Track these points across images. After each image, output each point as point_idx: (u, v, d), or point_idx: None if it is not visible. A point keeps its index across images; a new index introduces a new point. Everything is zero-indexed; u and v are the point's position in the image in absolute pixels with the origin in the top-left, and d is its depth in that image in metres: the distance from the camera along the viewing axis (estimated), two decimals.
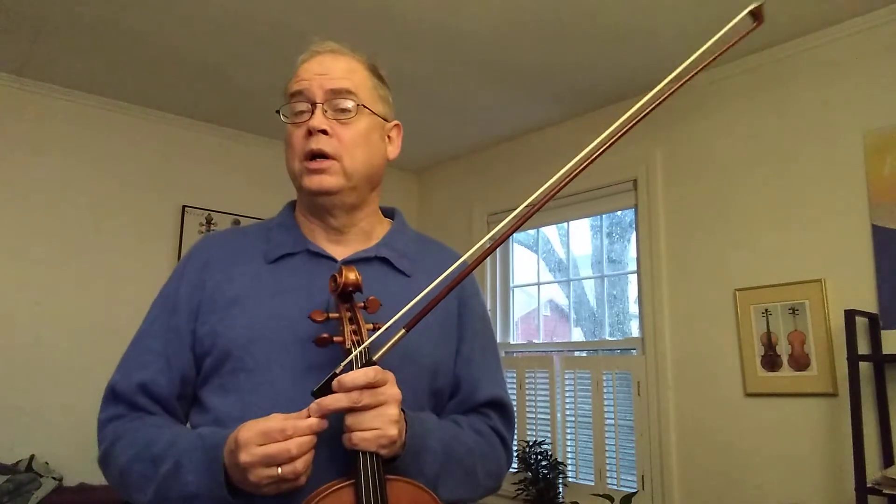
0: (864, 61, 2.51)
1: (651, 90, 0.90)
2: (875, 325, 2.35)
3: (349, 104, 1.02)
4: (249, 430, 0.83)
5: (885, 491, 2.09)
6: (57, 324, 3.16)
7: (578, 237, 3.78)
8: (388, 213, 1.17)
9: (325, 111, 1.01)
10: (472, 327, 1.11)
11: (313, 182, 1.00)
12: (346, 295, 0.95)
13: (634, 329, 3.31)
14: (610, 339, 3.47)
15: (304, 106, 1.02)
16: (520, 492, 3.22)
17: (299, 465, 0.83)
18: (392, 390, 0.87)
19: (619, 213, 3.46)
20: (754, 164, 2.78)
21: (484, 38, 2.75)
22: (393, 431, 0.85)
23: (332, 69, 1.03)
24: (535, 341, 3.80)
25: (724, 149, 2.90)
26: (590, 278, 3.69)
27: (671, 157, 3.09)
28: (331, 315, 0.94)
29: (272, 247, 1.06)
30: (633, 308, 3.37)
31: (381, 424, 0.85)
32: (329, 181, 1.00)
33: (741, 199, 2.81)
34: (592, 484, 3.20)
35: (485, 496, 1.05)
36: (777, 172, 2.71)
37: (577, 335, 3.69)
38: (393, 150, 1.11)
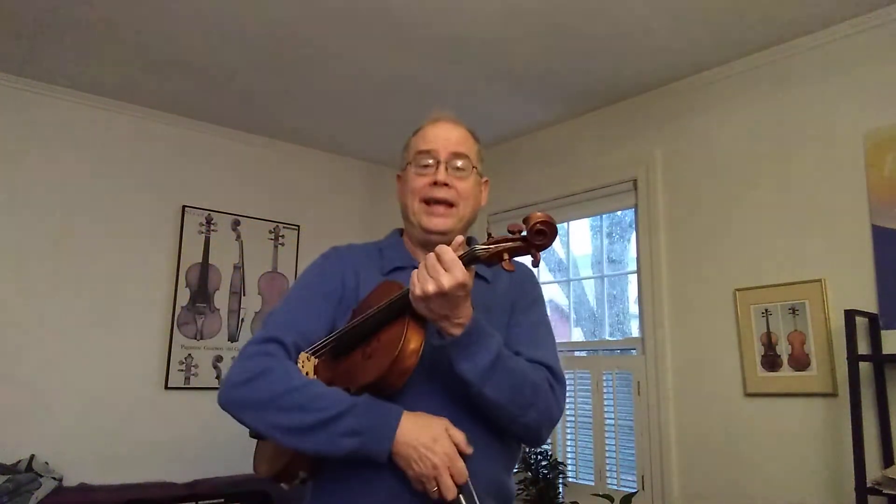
0: (864, 61, 2.51)
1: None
2: (875, 325, 2.35)
3: (465, 164, 1.30)
4: (444, 444, 1.06)
5: (885, 491, 2.08)
6: (57, 323, 3.16)
7: (578, 237, 3.78)
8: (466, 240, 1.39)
9: (447, 168, 1.27)
10: (522, 303, 1.31)
11: (433, 223, 1.26)
12: (535, 234, 1.04)
13: (634, 329, 3.31)
14: (610, 339, 3.47)
15: (429, 160, 1.28)
16: (520, 492, 3.22)
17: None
18: (463, 272, 1.04)
19: (619, 213, 3.46)
20: (754, 163, 2.78)
21: (484, 39, 2.75)
22: (430, 287, 1.02)
23: (454, 135, 1.32)
24: None
25: (724, 149, 2.90)
26: (590, 278, 3.70)
27: (671, 157, 3.09)
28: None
29: (386, 262, 1.30)
30: (633, 308, 3.37)
31: (434, 275, 1.03)
32: (446, 223, 1.27)
33: (741, 199, 2.81)
34: (592, 484, 3.20)
35: (533, 429, 1.18)
36: (777, 172, 2.70)
37: (577, 335, 3.69)
38: (484, 199, 1.40)
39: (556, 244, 3.94)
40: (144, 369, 3.38)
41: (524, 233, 1.02)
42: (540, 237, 1.02)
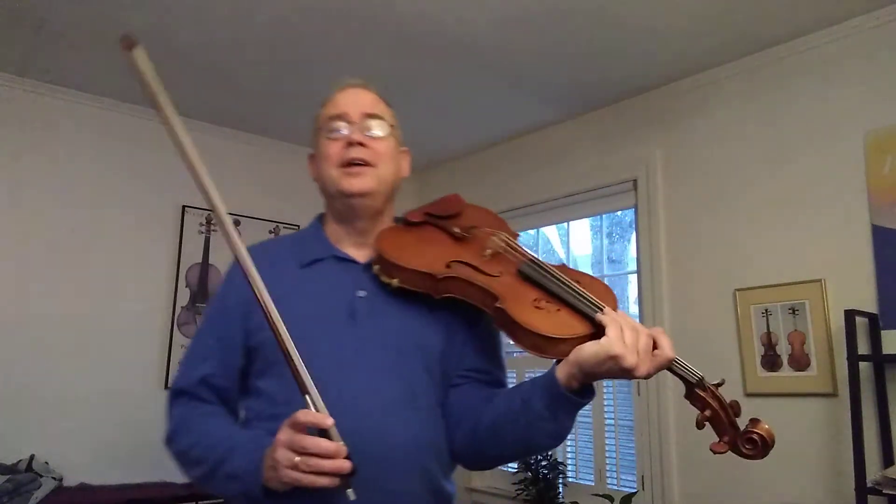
0: (864, 61, 2.51)
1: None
2: (875, 325, 2.35)
3: (380, 125, 1.22)
4: (282, 439, 0.96)
5: (885, 491, 2.08)
6: (57, 324, 3.16)
7: (578, 237, 3.78)
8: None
9: (361, 130, 1.20)
10: (481, 315, 1.20)
11: (352, 184, 1.17)
12: (746, 440, 1.06)
13: None
14: None
15: (342, 125, 1.20)
16: (520, 492, 3.22)
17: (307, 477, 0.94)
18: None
19: (619, 213, 3.46)
20: (754, 163, 2.78)
21: (484, 38, 2.75)
22: (643, 368, 1.00)
23: (364, 99, 1.24)
24: None
25: (724, 149, 2.90)
26: None
27: (671, 157, 3.09)
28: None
29: (304, 254, 1.22)
30: (633, 308, 3.37)
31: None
32: (365, 182, 1.17)
33: (741, 199, 2.81)
34: (592, 484, 3.20)
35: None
36: (777, 172, 2.70)
37: None
38: (405, 170, 1.30)
39: (556, 244, 3.94)
40: (144, 369, 3.38)
41: (740, 426, 1.03)
42: (748, 445, 1.01)
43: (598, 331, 1.01)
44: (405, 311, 1.14)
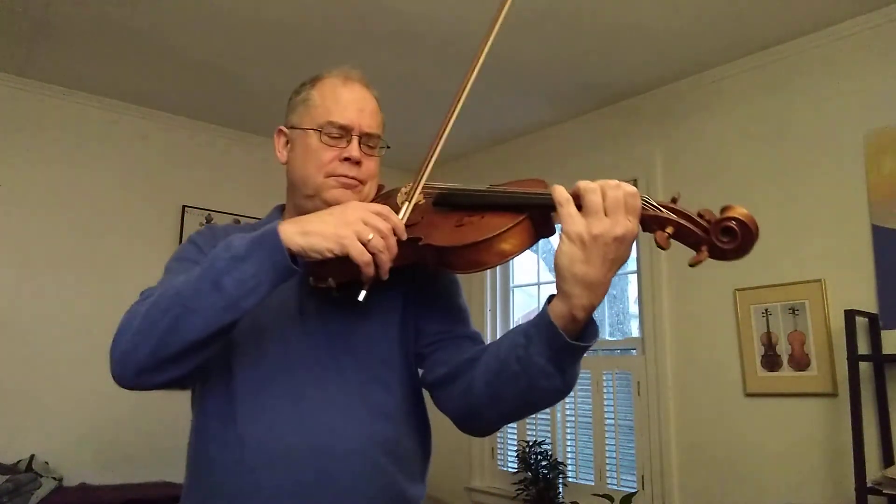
0: (864, 61, 2.51)
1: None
2: (875, 325, 2.35)
3: (377, 143, 1.22)
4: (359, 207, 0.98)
5: (885, 491, 2.08)
6: (57, 324, 3.16)
7: None
8: None
9: (359, 143, 1.17)
10: (439, 282, 1.21)
11: (338, 199, 1.13)
12: (721, 230, 0.92)
13: (634, 329, 3.31)
14: (610, 339, 3.47)
15: (340, 132, 1.17)
16: (520, 492, 3.22)
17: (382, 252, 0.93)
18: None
19: None
20: (754, 163, 2.78)
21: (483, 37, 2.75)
22: (619, 230, 0.89)
23: (367, 107, 1.22)
24: None
25: (724, 149, 2.90)
26: None
27: (671, 157, 3.09)
28: None
29: None
30: (633, 308, 3.37)
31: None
32: (353, 198, 1.15)
33: (741, 199, 2.79)
34: (592, 484, 3.20)
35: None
36: (777, 172, 2.70)
37: None
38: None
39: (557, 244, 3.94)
40: None
41: (710, 221, 0.87)
42: (726, 237, 0.85)
43: (534, 215, 0.94)
44: (354, 307, 1.05)
